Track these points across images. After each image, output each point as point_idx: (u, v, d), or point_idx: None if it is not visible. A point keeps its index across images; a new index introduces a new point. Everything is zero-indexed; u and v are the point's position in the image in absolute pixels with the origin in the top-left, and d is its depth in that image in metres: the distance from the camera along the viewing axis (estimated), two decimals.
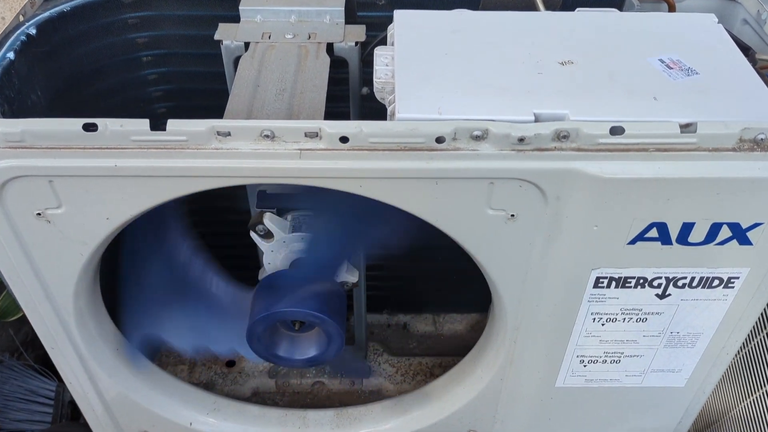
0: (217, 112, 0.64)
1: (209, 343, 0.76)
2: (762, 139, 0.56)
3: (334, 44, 0.71)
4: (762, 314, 0.87)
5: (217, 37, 0.71)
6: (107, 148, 0.57)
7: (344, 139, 0.57)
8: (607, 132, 0.56)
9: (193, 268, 0.74)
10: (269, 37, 0.71)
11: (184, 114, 0.57)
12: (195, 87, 0.84)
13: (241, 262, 0.83)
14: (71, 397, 1.21)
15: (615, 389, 0.80)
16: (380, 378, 1.08)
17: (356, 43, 0.71)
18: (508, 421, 0.86)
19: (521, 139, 0.56)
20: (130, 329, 0.78)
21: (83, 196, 0.61)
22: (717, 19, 0.70)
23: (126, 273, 0.72)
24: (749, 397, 0.91)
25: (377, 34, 0.74)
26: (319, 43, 0.70)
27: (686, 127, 0.56)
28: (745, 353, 0.93)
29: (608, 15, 0.71)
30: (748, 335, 0.91)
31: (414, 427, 0.90)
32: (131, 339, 0.79)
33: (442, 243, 0.67)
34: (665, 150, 0.57)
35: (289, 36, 0.71)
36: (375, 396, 1.05)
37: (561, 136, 0.56)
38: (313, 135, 0.57)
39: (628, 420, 0.86)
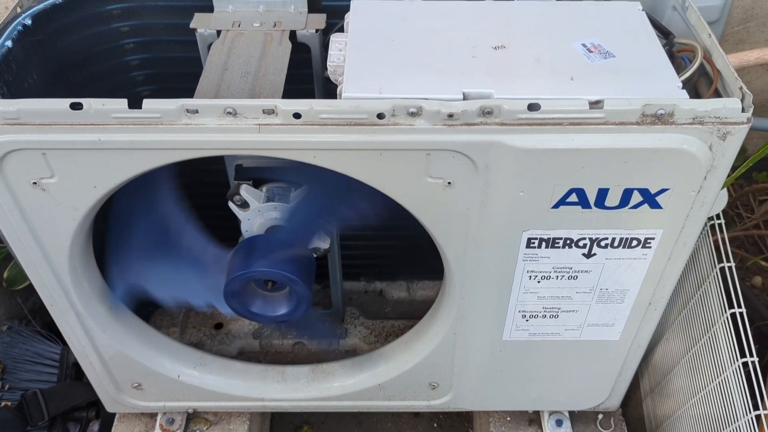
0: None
1: (188, 295, 0.85)
2: (662, 114, 0.64)
3: (297, 31, 0.79)
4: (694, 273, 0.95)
5: (192, 25, 0.79)
6: (91, 125, 0.66)
7: (297, 115, 0.65)
8: (526, 108, 0.64)
9: (181, 228, 0.82)
10: (239, 26, 0.79)
11: (165, 95, 0.65)
12: (175, 71, 0.92)
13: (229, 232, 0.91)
14: (75, 359, 1.31)
15: (557, 342, 0.89)
16: (356, 339, 1.17)
17: (317, 31, 0.79)
18: (464, 373, 0.95)
19: (450, 115, 0.65)
20: (116, 278, 0.86)
21: (72, 166, 0.69)
22: (641, 7, 0.78)
23: (115, 225, 0.80)
24: (691, 349, 1.00)
25: (340, 21, 0.82)
26: (282, 30, 0.78)
27: (595, 104, 0.64)
28: (688, 311, 1.01)
29: (544, 3, 0.78)
30: (688, 293, 0.99)
31: (380, 380, 0.99)
32: (115, 287, 0.87)
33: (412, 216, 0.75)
34: (577, 124, 0.65)
35: (257, 24, 0.79)
36: (350, 355, 1.14)
37: (485, 112, 0.65)
38: (270, 111, 0.65)
39: (572, 370, 0.95)
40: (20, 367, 1.30)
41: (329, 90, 0.86)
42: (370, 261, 1.22)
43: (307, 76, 0.85)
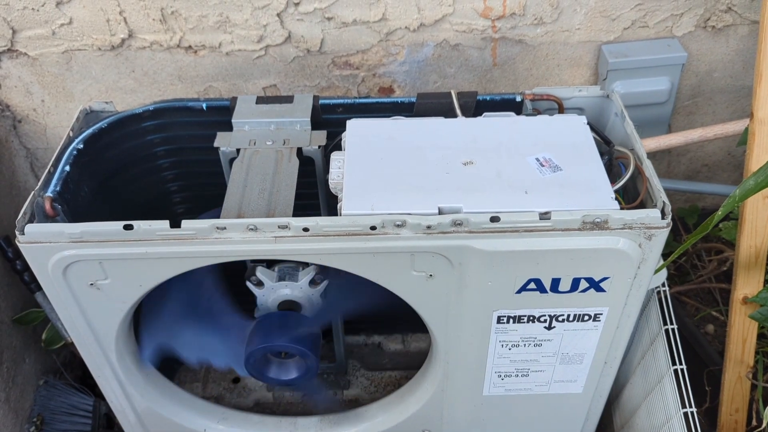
0: (218, 194, 0.88)
1: (212, 357, 1.00)
2: (598, 221, 0.80)
3: (303, 148, 0.95)
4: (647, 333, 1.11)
5: (215, 144, 0.95)
6: (140, 240, 0.82)
7: (306, 229, 0.81)
8: (488, 220, 0.80)
9: (212, 297, 0.97)
10: (254, 143, 0.95)
11: (190, 191, 0.76)
12: (198, 170, 1.08)
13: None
14: (106, 409, 1.46)
15: (529, 396, 1.04)
16: (358, 389, 1.32)
17: (319, 146, 0.95)
18: (452, 422, 1.10)
19: (428, 227, 0.80)
20: (147, 337, 0.99)
21: (123, 271, 0.85)
22: (586, 120, 0.94)
23: (152, 295, 0.95)
24: (648, 395, 1.15)
25: (339, 130, 0.98)
26: (291, 148, 0.94)
27: (544, 215, 0.80)
28: (644, 362, 1.16)
29: (506, 120, 0.94)
30: (644, 347, 1.15)
31: (380, 428, 1.14)
32: (145, 346, 1.00)
33: None
34: (530, 231, 0.81)
35: (269, 143, 0.95)
36: (353, 404, 1.29)
37: (456, 224, 0.80)
38: (284, 227, 0.81)
39: (544, 417, 1.10)
40: (57, 419, 1.45)
41: (330, 194, 1.01)
42: (368, 317, 1.37)
43: (312, 179, 1.00)
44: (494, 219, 0.80)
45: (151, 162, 1.06)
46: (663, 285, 1.07)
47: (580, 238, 0.81)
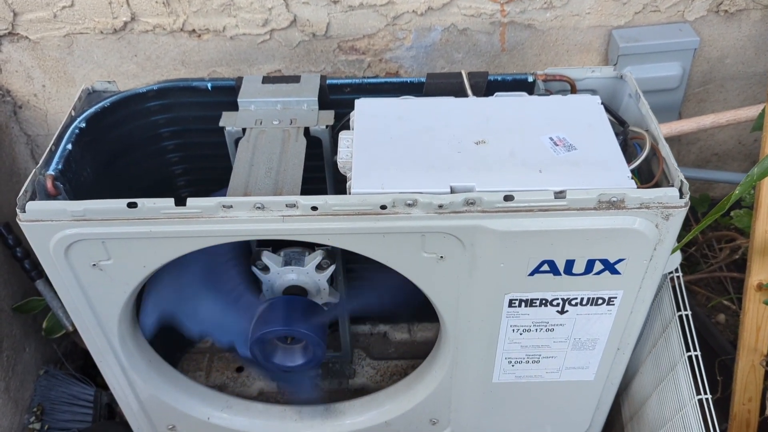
0: (224, 178, 0.86)
1: (216, 333, 0.97)
2: (614, 200, 0.78)
3: (310, 128, 0.93)
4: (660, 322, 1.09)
5: (221, 123, 0.93)
6: (144, 219, 0.80)
7: (314, 208, 0.79)
8: (502, 199, 0.78)
9: (225, 271, 0.95)
10: (261, 123, 0.93)
11: (196, 173, 0.75)
12: (203, 153, 1.06)
13: None
14: (107, 399, 1.45)
15: (539, 383, 1.02)
16: (363, 378, 1.30)
17: (326, 126, 0.93)
18: (460, 411, 1.08)
19: (440, 206, 0.78)
20: (151, 305, 0.94)
21: (127, 251, 0.83)
22: (600, 100, 0.92)
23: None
24: (660, 384, 1.13)
25: (346, 111, 0.96)
26: (298, 127, 0.92)
27: (559, 194, 0.78)
28: (656, 350, 1.14)
29: (518, 99, 0.92)
30: (656, 335, 1.13)
31: (387, 417, 1.12)
32: (148, 313, 0.95)
33: None
34: (545, 210, 0.79)
35: (276, 122, 0.93)
36: (359, 394, 1.27)
37: (469, 203, 0.78)
38: (292, 205, 0.79)
39: (555, 406, 1.08)
40: (57, 409, 1.43)
41: (338, 175, 0.99)
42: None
43: (319, 161, 0.98)
44: (508, 198, 0.78)
45: (155, 143, 1.04)
46: (676, 271, 1.05)
47: (596, 218, 0.79)
